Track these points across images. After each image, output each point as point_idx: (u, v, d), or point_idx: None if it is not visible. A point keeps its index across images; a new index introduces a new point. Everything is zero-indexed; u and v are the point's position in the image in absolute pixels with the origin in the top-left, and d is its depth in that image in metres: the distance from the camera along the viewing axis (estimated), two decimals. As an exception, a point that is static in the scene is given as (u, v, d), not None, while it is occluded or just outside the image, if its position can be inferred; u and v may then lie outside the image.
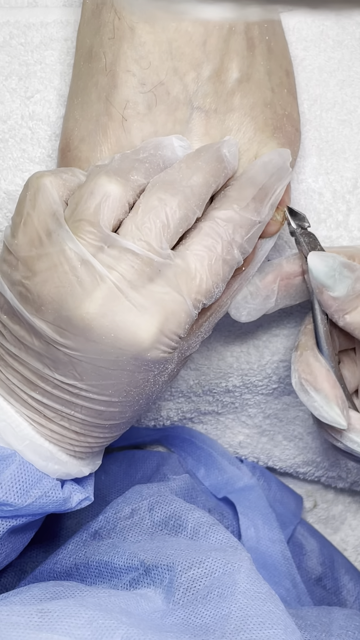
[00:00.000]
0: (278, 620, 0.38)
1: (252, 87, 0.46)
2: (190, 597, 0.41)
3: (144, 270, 0.40)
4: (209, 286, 0.41)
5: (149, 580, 0.43)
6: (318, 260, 0.45)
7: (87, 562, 0.46)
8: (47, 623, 0.36)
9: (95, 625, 0.36)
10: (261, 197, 0.43)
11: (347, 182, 0.51)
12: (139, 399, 0.43)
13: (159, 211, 0.40)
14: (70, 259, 0.40)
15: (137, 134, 0.45)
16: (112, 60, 0.44)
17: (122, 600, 0.39)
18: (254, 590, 0.40)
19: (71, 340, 0.40)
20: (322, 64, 0.51)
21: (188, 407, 0.59)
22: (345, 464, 0.61)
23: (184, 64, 0.44)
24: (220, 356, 0.56)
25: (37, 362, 0.41)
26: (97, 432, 0.44)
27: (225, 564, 0.42)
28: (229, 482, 0.59)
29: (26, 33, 0.49)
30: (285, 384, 0.57)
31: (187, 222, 0.42)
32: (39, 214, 0.41)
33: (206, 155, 0.43)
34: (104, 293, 0.39)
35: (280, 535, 0.56)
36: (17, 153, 0.49)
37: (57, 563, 0.48)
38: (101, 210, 0.40)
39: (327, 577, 0.59)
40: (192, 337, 0.44)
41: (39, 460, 0.43)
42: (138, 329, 0.40)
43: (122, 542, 0.47)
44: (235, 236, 0.42)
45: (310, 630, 0.44)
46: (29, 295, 0.40)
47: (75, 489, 0.45)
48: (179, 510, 0.49)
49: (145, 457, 0.59)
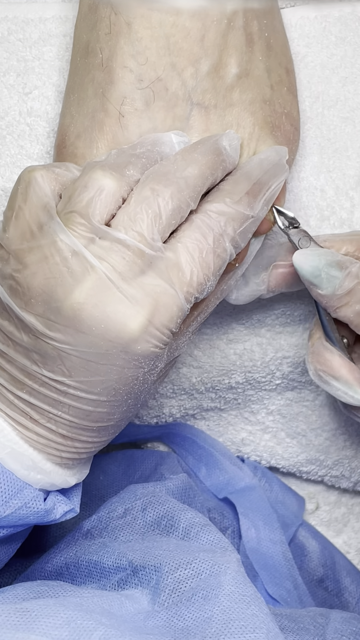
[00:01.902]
0: (261, 624, 0.38)
1: (251, 83, 0.45)
2: (175, 598, 0.41)
3: (135, 262, 0.40)
4: (200, 279, 0.41)
5: (136, 580, 0.43)
6: (303, 259, 0.45)
7: (77, 561, 0.46)
8: (25, 623, 0.36)
9: (74, 626, 0.36)
10: (255, 193, 0.43)
11: (350, 180, 0.50)
12: (127, 399, 0.42)
13: (151, 202, 0.40)
14: (61, 250, 0.39)
15: (134, 130, 0.44)
16: (109, 56, 0.44)
17: (106, 601, 0.39)
18: (239, 593, 0.40)
19: (60, 332, 0.40)
20: (325, 61, 0.50)
21: (190, 403, 0.59)
22: (349, 462, 0.60)
23: (182, 59, 0.44)
24: (223, 354, 0.56)
25: (25, 359, 0.41)
26: (84, 436, 0.43)
27: (212, 565, 0.42)
28: (230, 482, 0.58)
29: (24, 29, 0.49)
30: (288, 379, 0.57)
31: (180, 214, 0.41)
32: (30, 207, 0.41)
33: (203, 148, 0.43)
34: (95, 283, 0.39)
35: (281, 536, 0.56)
36: (14, 150, 0.49)
37: (48, 562, 0.47)
38: (94, 203, 0.40)
39: (328, 579, 0.59)
40: (181, 336, 0.44)
41: (20, 469, 0.42)
42: (127, 319, 0.39)
43: (112, 542, 0.47)
44: (227, 229, 0.42)
45: (303, 634, 0.43)
46: (19, 288, 0.40)
47: (60, 500, 0.44)
48: (171, 511, 0.48)
49: (144, 457, 0.58)
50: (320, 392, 0.58)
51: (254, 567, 0.54)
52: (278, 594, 0.53)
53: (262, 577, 0.53)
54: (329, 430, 0.59)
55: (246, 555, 0.55)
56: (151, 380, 0.43)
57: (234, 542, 0.56)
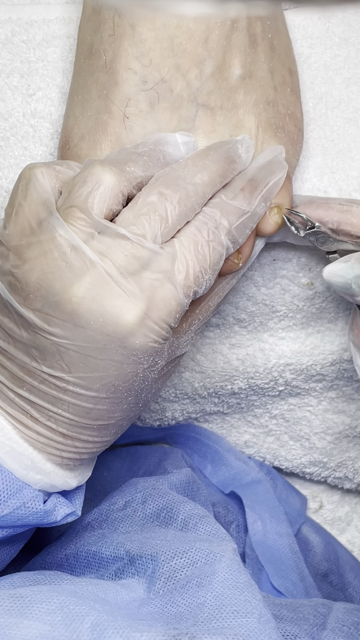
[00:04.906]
0: (253, 610, 0.38)
1: (255, 84, 0.45)
2: (170, 586, 0.41)
3: (134, 257, 0.40)
4: (196, 271, 0.41)
5: (133, 570, 0.43)
6: (332, 276, 0.45)
7: (77, 552, 0.46)
8: (18, 608, 0.36)
9: (66, 611, 0.36)
10: (251, 189, 0.43)
11: (353, 181, 0.50)
12: (127, 396, 0.42)
13: (158, 205, 0.40)
14: (60, 246, 0.40)
15: (139, 131, 0.45)
16: (113, 58, 0.44)
17: (101, 589, 0.39)
18: (232, 580, 0.40)
19: (59, 327, 0.40)
20: (328, 62, 0.50)
21: (193, 408, 0.59)
22: (353, 464, 0.60)
23: (186, 60, 0.44)
24: (226, 359, 0.56)
25: (24, 355, 0.41)
26: (85, 435, 0.43)
27: (208, 554, 0.42)
28: (236, 477, 0.59)
29: (28, 30, 0.49)
30: (291, 386, 0.57)
31: (186, 219, 0.41)
32: (30, 204, 0.41)
33: (215, 155, 0.43)
34: (93, 278, 0.39)
35: (287, 529, 0.56)
36: (18, 151, 0.49)
37: (49, 554, 0.48)
38: (92, 197, 0.40)
39: (332, 573, 0.59)
40: (183, 334, 0.44)
41: (19, 469, 0.42)
42: (124, 312, 0.39)
43: (111, 533, 0.47)
44: (223, 221, 0.42)
45: (302, 623, 0.43)
46: (18, 284, 0.40)
47: (61, 502, 0.44)
48: (171, 503, 0.48)
49: (148, 453, 0.59)
50: (323, 398, 0.58)
51: (259, 561, 0.54)
52: (284, 586, 0.53)
53: (267, 570, 0.54)
54: (332, 434, 0.59)
55: (252, 548, 0.55)
56: (152, 377, 0.43)
57: (239, 536, 0.56)
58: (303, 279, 0.52)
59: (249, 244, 0.45)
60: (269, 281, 0.52)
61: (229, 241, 0.42)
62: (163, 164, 0.43)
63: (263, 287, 0.52)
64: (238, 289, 0.52)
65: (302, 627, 0.43)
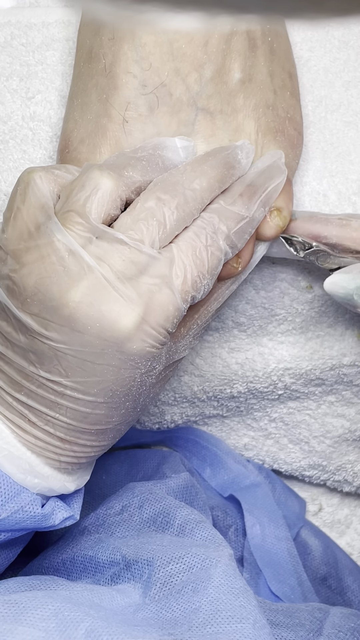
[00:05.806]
0: (248, 615, 0.38)
1: (255, 88, 0.45)
2: (165, 591, 0.41)
3: (132, 262, 0.40)
4: (194, 276, 0.41)
5: (129, 575, 0.43)
6: (333, 288, 0.45)
7: (73, 557, 0.46)
8: (12, 614, 0.36)
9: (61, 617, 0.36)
10: (250, 194, 0.43)
11: (353, 184, 0.50)
12: (125, 401, 0.42)
13: (156, 211, 0.40)
14: (58, 250, 0.40)
15: (138, 135, 0.45)
16: (112, 62, 0.44)
17: (96, 595, 0.39)
18: (228, 585, 0.40)
19: (56, 332, 0.40)
20: (328, 65, 0.50)
21: (192, 411, 0.59)
22: (352, 467, 0.60)
23: (186, 64, 0.44)
24: (225, 363, 0.56)
25: (22, 360, 0.41)
26: (83, 439, 0.43)
27: (204, 559, 0.42)
28: (235, 480, 0.59)
29: (27, 33, 0.49)
30: (291, 390, 0.57)
31: (184, 225, 0.41)
32: (28, 208, 0.41)
33: (214, 160, 0.43)
34: (91, 282, 0.39)
35: (286, 533, 0.56)
36: (17, 154, 0.49)
37: (46, 559, 0.47)
38: (90, 202, 0.40)
39: (331, 577, 0.59)
40: (181, 339, 0.44)
41: (17, 473, 0.42)
42: (121, 317, 0.39)
43: (108, 538, 0.47)
44: (221, 226, 0.42)
45: (298, 629, 0.43)
46: (15, 288, 0.40)
47: (59, 506, 0.44)
48: (167, 508, 0.48)
49: (147, 456, 0.58)
50: (322, 402, 0.58)
51: (257, 565, 0.54)
52: (281, 591, 0.53)
53: (265, 574, 0.54)
54: (331, 437, 0.59)
55: (250, 552, 0.55)
56: (149, 382, 0.43)
57: (237, 540, 0.56)
58: (302, 282, 0.52)
59: (248, 249, 0.45)
60: (268, 284, 0.52)
61: (227, 246, 0.42)
62: (162, 169, 0.43)
63: (262, 290, 0.52)
64: (237, 292, 0.52)
65: (298, 633, 0.43)
